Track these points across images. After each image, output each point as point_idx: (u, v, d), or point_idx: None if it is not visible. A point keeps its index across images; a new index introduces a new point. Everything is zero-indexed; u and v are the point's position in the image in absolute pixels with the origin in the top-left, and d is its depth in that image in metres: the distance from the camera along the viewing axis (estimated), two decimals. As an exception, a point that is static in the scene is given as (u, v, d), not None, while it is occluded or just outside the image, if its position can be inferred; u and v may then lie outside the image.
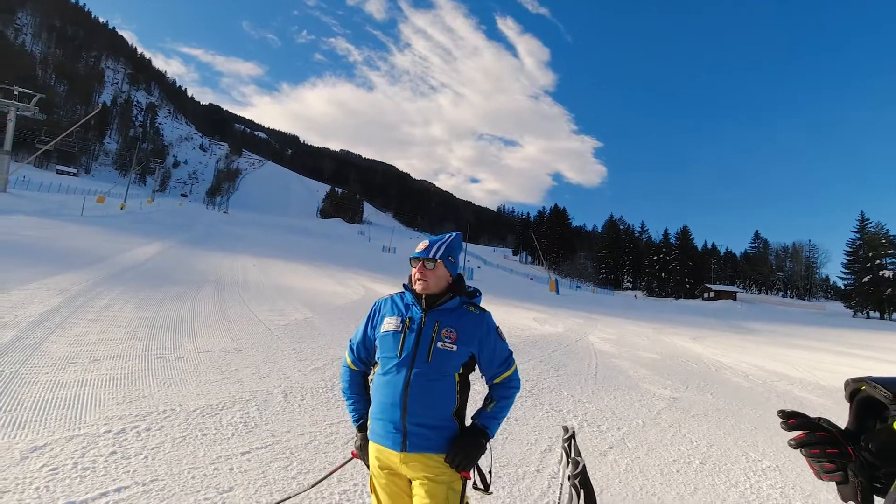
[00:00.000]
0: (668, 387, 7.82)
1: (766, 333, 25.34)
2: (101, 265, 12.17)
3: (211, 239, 31.18)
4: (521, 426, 4.94)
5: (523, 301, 26.53)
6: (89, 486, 2.75)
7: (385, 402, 1.89)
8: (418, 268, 1.99)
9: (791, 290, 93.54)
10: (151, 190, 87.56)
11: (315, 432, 4.06)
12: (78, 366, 4.81)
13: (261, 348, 6.54)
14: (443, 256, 2.00)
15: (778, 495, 4.02)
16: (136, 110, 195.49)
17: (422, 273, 1.98)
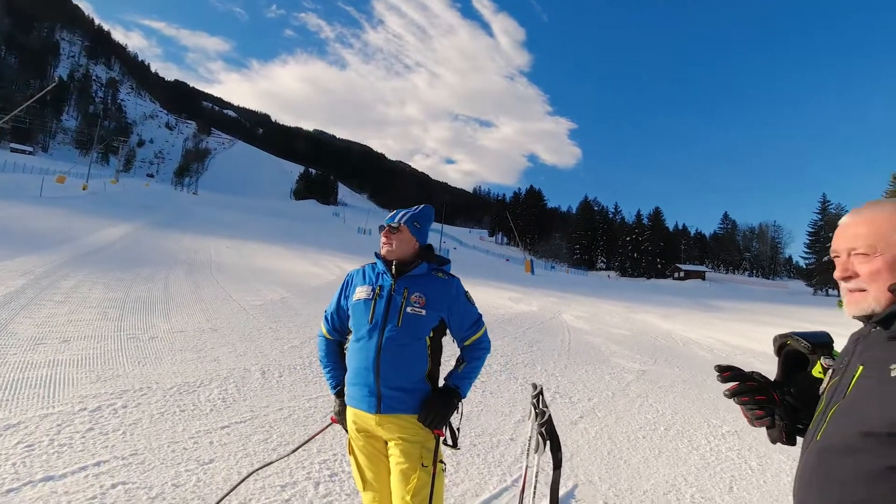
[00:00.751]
0: (637, 361, 8.13)
1: (732, 311, 26.38)
2: (65, 247, 11.77)
3: (181, 221, 30.36)
4: (496, 398, 5.10)
5: (499, 281, 26.86)
6: (67, 461, 2.75)
7: (359, 367, 1.96)
8: (384, 233, 2.07)
9: (757, 270, 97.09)
10: (115, 170, 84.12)
11: (294, 407, 4.12)
12: (48, 346, 4.72)
13: (237, 328, 6.51)
14: (408, 222, 2.07)
15: (735, 457, 4.29)
16: (96, 85, 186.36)
17: (387, 237, 2.05)
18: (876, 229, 0.95)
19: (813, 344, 1.17)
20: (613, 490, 3.37)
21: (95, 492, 2.49)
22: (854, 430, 0.87)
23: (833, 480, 0.90)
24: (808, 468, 0.97)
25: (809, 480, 0.97)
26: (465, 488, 3.13)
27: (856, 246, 0.96)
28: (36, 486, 2.46)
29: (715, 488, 3.60)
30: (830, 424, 0.94)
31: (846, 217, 1.03)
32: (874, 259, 0.93)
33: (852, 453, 0.87)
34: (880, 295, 0.93)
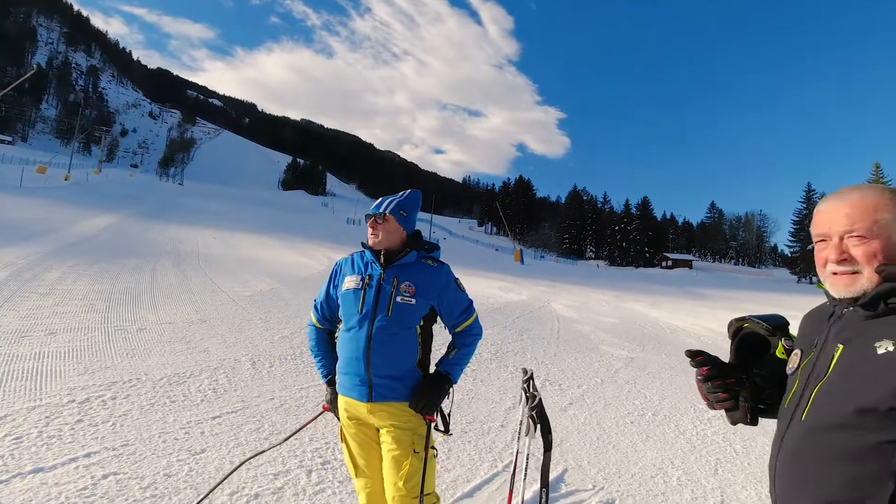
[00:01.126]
0: (625, 348, 8.24)
1: (719, 299, 26.78)
2: (48, 238, 11.57)
3: (166, 211, 29.94)
4: (487, 386, 5.14)
5: (489, 271, 26.95)
6: (57, 452, 2.73)
7: (350, 357, 1.97)
8: (370, 222, 2.04)
9: (743, 259, 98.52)
10: (98, 160, 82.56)
11: (285, 396, 4.12)
12: (33, 339, 4.66)
13: (226, 319, 6.47)
14: (394, 211, 2.04)
15: (720, 440, 4.39)
16: (76, 73, 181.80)
17: (373, 227, 2.03)
18: (868, 213, 0.97)
19: (772, 326, 1.21)
20: (602, 474, 3.44)
21: (86, 482, 2.48)
22: (849, 409, 0.89)
23: (827, 458, 0.93)
24: (796, 448, 1.00)
25: (798, 460, 0.99)
26: (456, 474, 3.17)
27: (852, 229, 0.98)
28: (25, 478, 2.44)
29: (701, 471, 3.68)
30: (816, 404, 0.97)
31: (831, 202, 1.05)
32: (871, 242, 0.96)
33: (846, 430, 0.90)
34: (874, 276, 0.96)
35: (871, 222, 0.97)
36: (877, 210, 0.98)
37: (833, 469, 0.91)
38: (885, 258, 0.96)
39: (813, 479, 0.95)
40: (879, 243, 0.96)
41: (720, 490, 3.39)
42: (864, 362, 0.91)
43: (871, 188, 1.02)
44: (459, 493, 2.94)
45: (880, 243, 0.96)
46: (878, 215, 0.97)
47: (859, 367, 0.91)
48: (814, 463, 0.95)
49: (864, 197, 1.00)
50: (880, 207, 0.98)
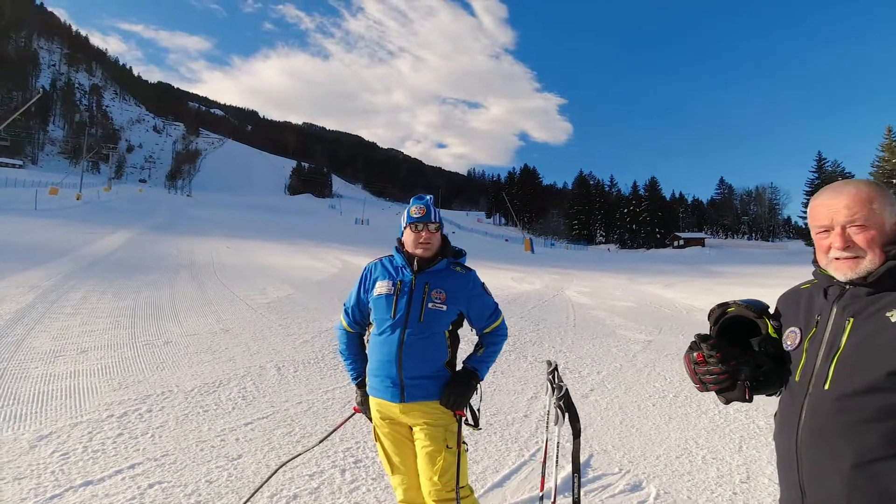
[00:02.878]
0: (642, 331, 8.26)
1: (733, 276, 26.56)
2: (68, 258, 11.84)
3: (178, 224, 30.35)
4: (508, 378, 5.22)
5: (500, 262, 26.97)
6: (103, 465, 2.86)
7: (382, 360, 2.04)
8: (424, 233, 2.06)
9: (756, 233, 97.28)
10: (107, 177, 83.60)
11: (312, 400, 4.23)
12: (67, 358, 4.83)
13: (248, 327, 6.61)
14: (438, 218, 2.12)
15: (743, 417, 4.42)
16: (80, 93, 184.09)
17: (427, 238, 2.07)
18: (864, 205, 1.11)
19: (758, 310, 1.33)
20: (628, 457, 3.50)
21: (134, 493, 2.60)
22: (881, 373, 1.01)
23: (861, 420, 1.03)
24: (824, 416, 1.09)
25: (829, 427, 1.09)
26: (485, 465, 3.25)
27: (853, 220, 1.12)
28: (77, 491, 2.57)
29: (725, 448, 3.72)
30: (839, 373, 1.08)
31: (828, 196, 1.18)
32: (869, 230, 1.11)
33: (877, 392, 1.01)
34: (876, 258, 1.10)
35: (868, 212, 1.11)
36: (871, 201, 1.11)
37: (869, 429, 1.02)
38: (882, 242, 1.10)
39: (850, 441, 1.04)
40: (876, 230, 1.10)
41: (745, 466, 3.43)
42: (882, 330, 1.03)
43: (862, 182, 1.16)
44: (490, 483, 3.02)
45: (877, 230, 1.10)
46: (873, 206, 1.11)
47: (878, 335, 1.03)
48: (848, 426, 1.05)
49: (860, 191, 1.13)
50: (874, 199, 1.11)
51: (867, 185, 1.15)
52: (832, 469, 1.06)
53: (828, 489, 1.07)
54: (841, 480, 1.05)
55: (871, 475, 1.00)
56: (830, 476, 1.07)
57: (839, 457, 1.05)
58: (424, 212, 2.08)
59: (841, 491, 1.05)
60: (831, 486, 1.07)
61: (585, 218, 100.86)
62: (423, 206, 2.10)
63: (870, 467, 1.01)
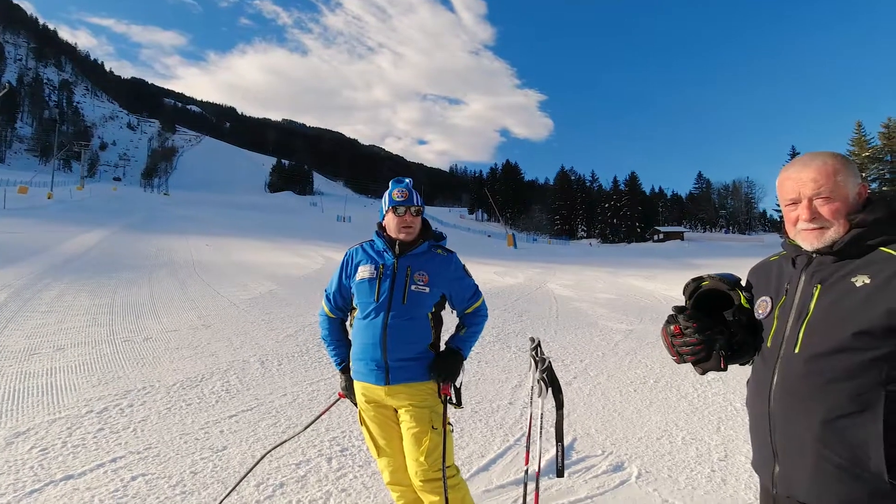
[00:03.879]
0: (623, 321, 8.40)
1: (711, 267, 26.86)
2: (41, 257, 11.51)
3: (155, 222, 29.72)
4: (492, 367, 5.27)
5: (483, 257, 27.05)
6: (83, 460, 2.81)
7: (366, 343, 2.05)
8: (407, 217, 2.07)
9: (733, 226, 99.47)
10: (80, 176, 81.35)
11: (297, 392, 4.21)
12: (42, 356, 4.71)
13: (229, 322, 6.53)
14: (420, 202, 2.13)
15: (721, 400, 4.55)
16: (48, 89, 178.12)
17: (410, 221, 2.08)
18: (830, 177, 1.17)
19: (731, 283, 1.38)
20: (610, 440, 3.58)
21: (117, 485, 2.57)
22: (846, 334, 1.07)
23: (829, 379, 1.09)
24: (795, 377, 1.15)
25: (799, 386, 1.15)
26: (470, 451, 3.29)
27: (820, 192, 1.17)
28: (58, 486, 2.52)
29: (704, 430, 3.83)
30: (808, 336, 1.14)
31: (795, 170, 1.23)
32: (835, 201, 1.16)
33: (844, 353, 1.08)
34: (840, 228, 1.15)
35: (833, 185, 1.16)
36: (836, 174, 1.17)
37: (836, 388, 1.08)
38: (846, 212, 1.16)
39: (819, 399, 1.10)
40: (841, 202, 1.16)
41: (723, 446, 3.54)
42: (848, 294, 1.09)
43: (828, 155, 1.20)
44: (475, 467, 3.06)
45: (841, 202, 1.16)
46: (837, 178, 1.17)
47: (844, 299, 1.09)
48: (817, 386, 1.11)
49: (826, 164, 1.18)
50: (838, 171, 1.17)
51: (832, 158, 1.19)
52: (803, 427, 1.12)
53: (799, 447, 1.13)
54: (811, 437, 1.11)
55: (839, 431, 1.06)
56: (802, 434, 1.12)
57: (809, 415, 1.11)
58: (406, 195, 2.09)
59: (812, 447, 1.11)
60: (802, 444, 1.12)
61: (567, 213, 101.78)
62: (404, 189, 2.10)
63: (837, 423, 1.07)
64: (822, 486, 1.10)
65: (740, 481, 3.02)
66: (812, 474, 1.12)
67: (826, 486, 1.09)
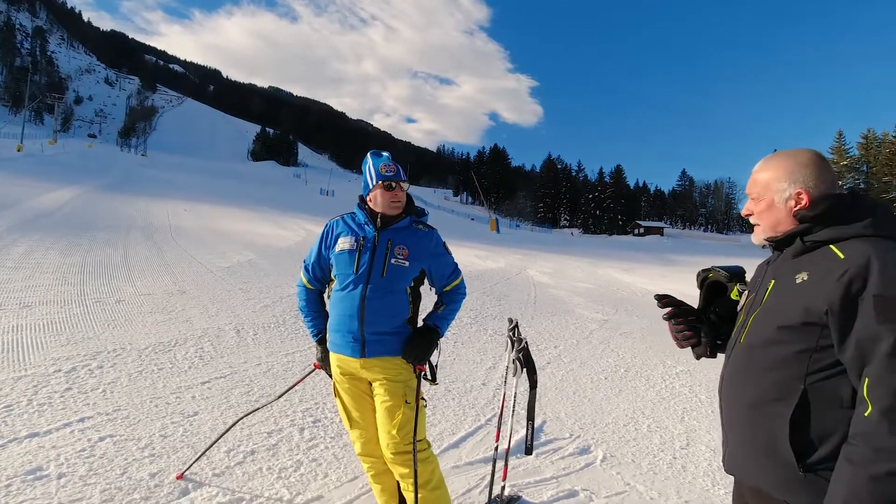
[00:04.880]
0: (599, 311, 8.56)
1: (688, 264, 27.66)
2: (8, 212, 11.10)
3: (132, 184, 28.87)
4: (468, 349, 5.33)
5: (465, 240, 27.11)
6: (50, 418, 2.77)
7: (343, 315, 2.05)
8: (397, 191, 2.06)
9: (711, 225, 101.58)
10: (52, 130, 77.88)
11: (272, 362, 4.20)
12: (8, 311, 4.57)
13: (206, 289, 6.43)
14: (405, 176, 2.12)
15: (687, 391, 4.71)
16: (21, 35, 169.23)
17: (399, 196, 2.07)
18: (763, 179, 1.25)
19: (731, 274, 1.47)
20: (578, 424, 3.68)
21: (84, 445, 2.54)
22: (773, 327, 1.15)
23: (759, 369, 1.18)
24: (736, 365, 1.25)
25: (735, 375, 1.25)
26: (442, 428, 3.34)
27: (751, 192, 1.27)
28: (22, 443, 2.48)
29: (669, 419, 3.97)
30: (751, 328, 1.22)
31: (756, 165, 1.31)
32: (760, 202, 1.25)
33: (772, 345, 1.15)
34: (767, 227, 1.24)
35: (762, 187, 1.24)
36: (771, 177, 1.23)
37: (763, 377, 1.16)
38: (771, 214, 1.23)
39: (749, 386, 1.19)
40: (765, 203, 1.24)
41: (686, 434, 3.68)
42: (786, 290, 1.15)
43: (773, 158, 1.26)
44: (446, 443, 3.12)
45: (766, 204, 1.24)
46: (767, 181, 1.23)
47: (782, 294, 1.16)
48: (749, 374, 1.20)
49: (761, 167, 1.27)
50: (772, 174, 1.23)
51: (772, 161, 1.25)
52: (737, 410, 1.23)
53: (736, 428, 1.24)
54: (741, 420, 1.21)
55: (762, 416, 1.15)
56: (737, 416, 1.23)
57: (741, 399, 1.22)
58: (395, 170, 2.08)
59: (741, 429, 1.21)
60: (738, 425, 1.23)
61: (551, 201, 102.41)
62: (391, 164, 2.10)
63: (762, 409, 1.15)
64: (751, 466, 1.19)
65: (699, 468, 3.15)
66: (743, 454, 1.21)
67: (754, 466, 1.18)
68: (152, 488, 2.28)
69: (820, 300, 1.05)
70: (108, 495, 2.19)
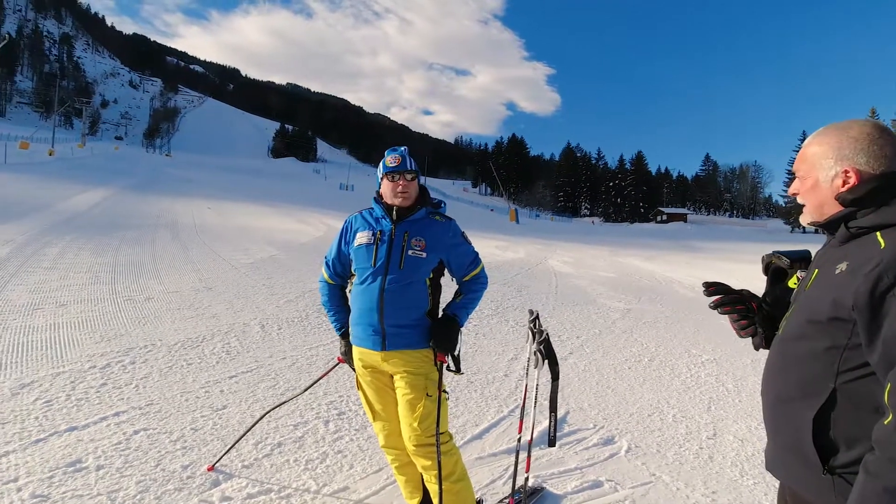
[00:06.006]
0: (622, 300, 8.45)
1: (713, 251, 27.10)
2: (42, 214, 11.53)
3: (157, 183, 29.61)
4: (489, 340, 5.33)
5: (484, 231, 27.02)
6: (87, 413, 2.88)
7: (363, 308, 2.07)
8: (401, 182, 2.07)
9: (737, 210, 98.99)
10: (81, 133, 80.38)
11: (296, 356, 4.28)
12: (45, 311, 4.77)
13: (231, 286, 6.58)
14: (415, 167, 2.12)
15: (713, 381, 4.62)
16: (49, 42, 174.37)
17: (405, 187, 2.07)
18: (810, 155, 1.14)
19: (792, 259, 1.34)
20: (602, 414, 3.65)
21: (119, 438, 2.64)
22: (802, 320, 1.08)
23: (788, 363, 1.12)
24: (768, 360, 1.20)
25: (771, 366, 1.19)
26: (465, 420, 3.36)
27: (797, 170, 1.17)
28: (62, 436, 2.59)
29: (695, 408, 3.90)
30: (789, 320, 1.15)
31: (806, 139, 1.19)
32: (805, 182, 1.15)
33: (803, 339, 1.08)
34: (812, 209, 1.14)
35: (808, 166, 1.13)
36: (818, 156, 1.11)
37: (790, 372, 1.10)
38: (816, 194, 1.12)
39: (777, 380, 1.14)
40: (810, 183, 1.13)
41: (713, 424, 3.61)
42: (824, 281, 1.06)
43: (823, 131, 1.13)
44: (469, 435, 3.13)
45: (810, 184, 1.13)
46: (815, 160, 1.12)
47: (820, 285, 1.07)
48: (779, 368, 1.15)
49: (809, 143, 1.15)
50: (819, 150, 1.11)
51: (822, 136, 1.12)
52: (768, 405, 1.18)
53: (767, 423, 1.19)
54: (770, 415, 1.17)
55: (789, 412, 1.10)
56: (768, 411, 1.18)
57: (769, 393, 1.17)
58: (400, 161, 2.08)
59: (772, 424, 1.16)
60: (768, 420, 1.18)
61: (571, 190, 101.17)
62: (398, 155, 2.10)
63: (788, 405, 1.10)
64: (780, 463, 1.15)
65: (727, 459, 3.09)
66: (773, 450, 1.17)
67: (782, 463, 1.14)
68: (185, 480, 2.36)
69: (848, 294, 0.95)
70: (143, 486, 2.27)
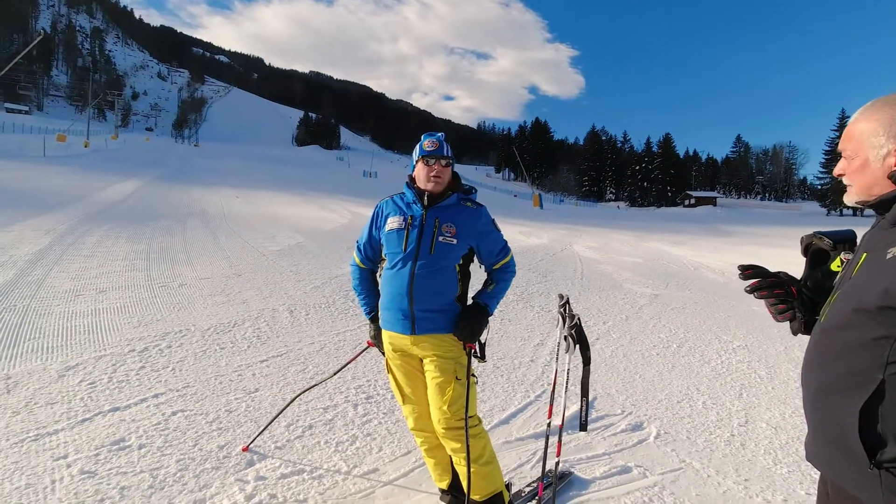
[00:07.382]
0: (649, 286, 8.30)
1: (744, 235, 26.31)
2: (80, 204, 11.97)
3: (186, 173, 30.33)
4: (515, 325, 5.32)
5: (508, 217, 26.80)
6: (128, 394, 3.01)
7: (393, 293, 2.08)
8: (436, 167, 2.07)
9: (770, 193, 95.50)
10: (114, 125, 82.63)
11: (324, 341, 4.36)
12: (86, 297, 4.97)
13: (259, 272, 6.73)
14: (451, 153, 2.11)
15: (745, 367, 4.51)
16: (81, 36, 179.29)
17: (439, 172, 2.07)
18: (858, 133, 1.07)
19: (835, 241, 1.26)
20: (630, 400, 3.61)
21: (159, 419, 2.75)
22: (849, 309, 1.00)
23: (832, 353, 1.04)
24: (811, 348, 1.12)
25: (811, 358, 1.11)
26: (492, 405, 3.38)
27: (844, 149, 1.10)
28: (106, 416, 2.72)
29: (726, 395, 3.83)
30: (832, 308, 1.07)
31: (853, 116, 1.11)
32: (853, 161, 1.08)
33: (848, 328, 1.00)
34: (860, 190, 1.08)
35: (856, 146, 1.07)
36: (866, 134, 1.04)
37: (833, 361, 1.03)
38: (865, 174, 1.05)
39: (819, 370, 1.08)
40: (858, 163, 1.06)
41: (745, 412, 3.54)
42: (874, 266, 0.98)
43: (871, 107, 1.06)
44: (496, 420, 3.15)
45: (859, 164, 1.06)
46: (864, 139, 1.05)
47: (869, 271, 0.99)
48: (821, 358, 1.08)
49: (857, 120, 1.08)
50: (870, 132, 1.04)
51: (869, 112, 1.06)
52: (809, 395, 1.11)
53: (808, 414, 1.13)
54: (812, 406, 1.10)
55: (832, 403, 1.04)
56: (810, 401, 1.11)
57: (810, 384, 1.10)
58: (437, 146, 2.07)
59: (814, 415, 1.10)
60: (810, 411, 1.12)
61: (596, 174, 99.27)
62: (435, 140, 2.09)
63: (831, 396, 1.04)
64: (822, 456, 1.09)
65: (759, 446, 3.03)
66: (814, 442, 1.11)
67: (824, 456, 1.08)
68: (221, 459, 2.45)
69: None
70: (182, 465, 2.36)
